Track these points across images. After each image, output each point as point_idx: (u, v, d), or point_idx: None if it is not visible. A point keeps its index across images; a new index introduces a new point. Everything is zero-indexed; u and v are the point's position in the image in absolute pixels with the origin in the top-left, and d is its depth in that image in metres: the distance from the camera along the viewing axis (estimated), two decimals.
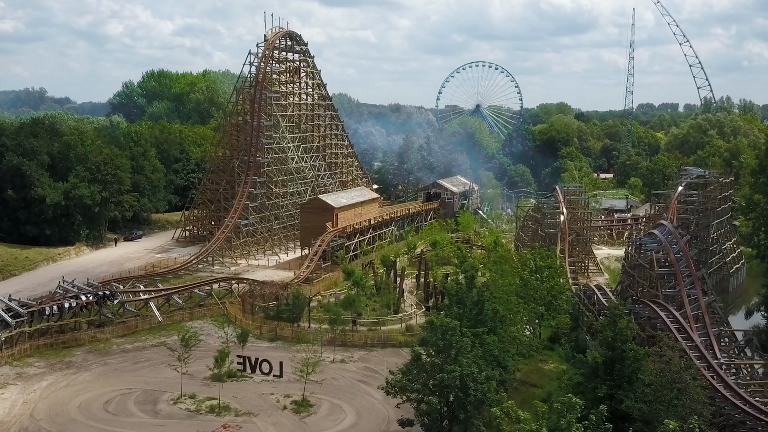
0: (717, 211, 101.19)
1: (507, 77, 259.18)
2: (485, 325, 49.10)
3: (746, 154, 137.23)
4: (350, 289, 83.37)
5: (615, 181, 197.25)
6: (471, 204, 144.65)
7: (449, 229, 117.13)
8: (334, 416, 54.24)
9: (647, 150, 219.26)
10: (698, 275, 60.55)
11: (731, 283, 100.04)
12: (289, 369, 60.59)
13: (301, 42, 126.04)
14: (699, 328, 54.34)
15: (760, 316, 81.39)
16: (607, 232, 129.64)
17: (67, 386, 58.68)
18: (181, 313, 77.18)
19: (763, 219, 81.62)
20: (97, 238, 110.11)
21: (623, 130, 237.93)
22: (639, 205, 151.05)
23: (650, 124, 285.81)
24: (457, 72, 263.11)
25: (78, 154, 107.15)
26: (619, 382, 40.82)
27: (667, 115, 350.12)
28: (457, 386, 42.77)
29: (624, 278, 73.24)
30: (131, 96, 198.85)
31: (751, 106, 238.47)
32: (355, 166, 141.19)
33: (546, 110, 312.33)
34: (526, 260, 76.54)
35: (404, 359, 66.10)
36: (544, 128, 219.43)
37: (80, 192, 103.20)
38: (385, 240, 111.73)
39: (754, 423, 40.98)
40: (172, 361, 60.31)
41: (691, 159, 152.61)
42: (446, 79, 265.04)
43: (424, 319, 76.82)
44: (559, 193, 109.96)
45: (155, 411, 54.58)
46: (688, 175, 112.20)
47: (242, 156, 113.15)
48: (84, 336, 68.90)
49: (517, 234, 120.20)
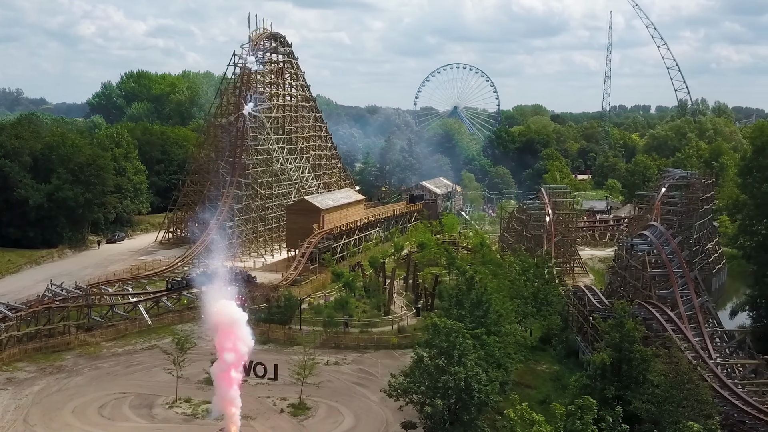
0: (699, 212, 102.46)
1: (484, 79, 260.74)
2: (485, 327, 49.27)
3: (727, 155, 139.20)
4: (340, 291, 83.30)
5: (592, 182, 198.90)
6: (454, 205, 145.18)
7: (434, 231, 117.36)
8: (333, 419, 54.13)
9: (623, 151, 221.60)
10: (691, 276, 61.37)
11: (713, 283, 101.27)
12: (284, 372, 60.43)
13: (285, 43, 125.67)
14: (693, 329, 55.04)
15: (746, 316, 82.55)
16: (589, 233, 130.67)
17: (60, 391, 57.98)
18: (171, 315, 76.57)
19: (749, 220, 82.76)
20: (80, 240, 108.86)
21: (600, 131, 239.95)
22: (619, 207, 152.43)
23: (624, 126, 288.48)
24: (435, 73, 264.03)
25: (61, 155, 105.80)
26: (627, 383, 41.24)
27: (641, 116, 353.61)
28: (461, 388, 42.90)
29: (614, 279, 73.89)
30: (110, 97, 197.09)
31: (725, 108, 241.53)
32: (338, 167, 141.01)
33: (521, 112, 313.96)
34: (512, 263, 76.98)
35: (398, 361, 66.57)
36: (522, 130, 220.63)
37: (63, 194, 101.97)
38: (371, 241, 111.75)
39: (753, 422, 41.55)
40: (164, 364, 60.02)
41: (670, 160, 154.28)
42: (424, 81, 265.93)
43: (414, 321, 77.26)
44: (544, 195, 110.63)
45: (151, 415, 54.09)
46: (671, 177, 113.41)
47: (227, 157, 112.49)
48: (73, 339, 68.13)
49: (501, 235, 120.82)
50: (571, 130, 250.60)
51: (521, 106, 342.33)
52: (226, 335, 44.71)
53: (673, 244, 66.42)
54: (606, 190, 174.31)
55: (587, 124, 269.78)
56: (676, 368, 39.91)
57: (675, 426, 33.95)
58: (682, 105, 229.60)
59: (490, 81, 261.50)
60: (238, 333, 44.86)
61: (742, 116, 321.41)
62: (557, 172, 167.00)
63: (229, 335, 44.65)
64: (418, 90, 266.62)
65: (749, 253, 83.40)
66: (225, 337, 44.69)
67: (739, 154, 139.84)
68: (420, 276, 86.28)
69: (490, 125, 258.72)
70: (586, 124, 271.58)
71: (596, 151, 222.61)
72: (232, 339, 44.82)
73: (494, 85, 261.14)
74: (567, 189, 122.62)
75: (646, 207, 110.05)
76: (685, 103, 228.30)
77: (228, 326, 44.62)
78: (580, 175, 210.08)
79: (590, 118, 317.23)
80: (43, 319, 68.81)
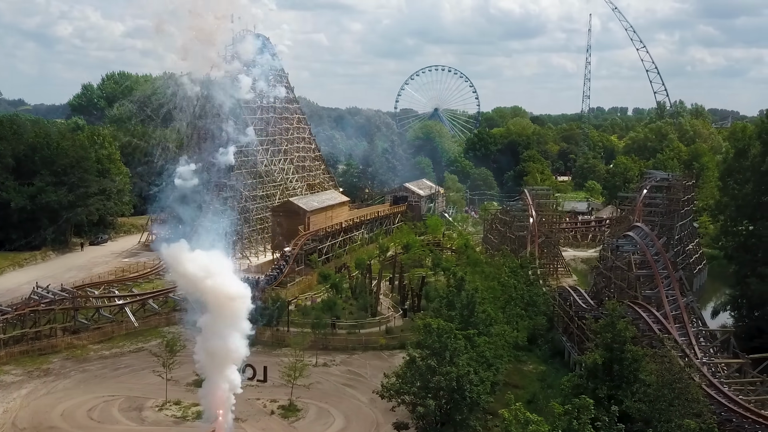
0: (681, 213, 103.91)
1: (464, 81, 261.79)
2: (476, 328, 49.76)
3: (706, 157, 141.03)
4: (327, 292, 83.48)
5: (572, 183, 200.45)
6: (437, 207, 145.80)
7: (418, 232, 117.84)
8: (323, 420, 54.34)
9: (602, 153, 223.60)
10: (676, 276, 62.30)
11: (695, 283, 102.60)
12: (272, 374, 60.54)
13: (269, 45, 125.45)
14: (679, 328, 55.87)
15: (727, 315, 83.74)
16: (571, 234, 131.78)
17: (48, 394, 57.69)
18: (157, 318, 76.37)
19: (731, 222, 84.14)
20: (63, 242, 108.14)
21: (579, 133, 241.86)
22: (600, 208, 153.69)
23: (602, 128, 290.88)
24: (415, 75, 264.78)
25: (44, 156, 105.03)
26: (619, 383, 41.85)
27: (619, 118, 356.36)
28: (453, 388, 43.32)
29: (599, 280, 74.75)
30: (91, 98, 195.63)
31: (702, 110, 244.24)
32: (322, 169, 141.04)
33: (501, 114, 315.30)
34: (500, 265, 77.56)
35: (386, 362, 66.92)
36: (503, 132, 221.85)
37: (47, 196, 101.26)
38: (356, 243, 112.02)
39: (740, 420, 42.33)
40: (152, 366, 59.95)
41: (650, 162, 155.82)
42: (404, 83, 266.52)
43: (401, 322, 77.67)
44: (528, 196, 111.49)
45: (141, 418, 53.98)
46: (652, 178, 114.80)
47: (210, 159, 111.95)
48: (60, 342, 67.74)
49: (485, 236, 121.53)
50: (550, 132, 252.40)
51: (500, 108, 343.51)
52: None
53: (657, 244, 67.37)
54: (586, 191, 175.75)
55: (566, 126, 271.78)
56: (668, 367, 40.58)
57: (667, 425, 34.61)
58: (661, 107, 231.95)
59: (470, 83, 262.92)
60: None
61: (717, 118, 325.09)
62: (538, 174, 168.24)
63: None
64: (399, 92, 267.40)
65: (731, 253, 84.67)
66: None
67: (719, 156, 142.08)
68: (406, 277, 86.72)
69: (470, 127, 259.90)
70: (566, 126, 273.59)
71: (576, 153, 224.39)
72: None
73: (474, 87, 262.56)
74: (550, 190, 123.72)
75: (628, 208, 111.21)
76: (663, 105, 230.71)
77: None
78: (560, 177, 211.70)
79: (569, 119, 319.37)
80: (29, 321, 68.43)
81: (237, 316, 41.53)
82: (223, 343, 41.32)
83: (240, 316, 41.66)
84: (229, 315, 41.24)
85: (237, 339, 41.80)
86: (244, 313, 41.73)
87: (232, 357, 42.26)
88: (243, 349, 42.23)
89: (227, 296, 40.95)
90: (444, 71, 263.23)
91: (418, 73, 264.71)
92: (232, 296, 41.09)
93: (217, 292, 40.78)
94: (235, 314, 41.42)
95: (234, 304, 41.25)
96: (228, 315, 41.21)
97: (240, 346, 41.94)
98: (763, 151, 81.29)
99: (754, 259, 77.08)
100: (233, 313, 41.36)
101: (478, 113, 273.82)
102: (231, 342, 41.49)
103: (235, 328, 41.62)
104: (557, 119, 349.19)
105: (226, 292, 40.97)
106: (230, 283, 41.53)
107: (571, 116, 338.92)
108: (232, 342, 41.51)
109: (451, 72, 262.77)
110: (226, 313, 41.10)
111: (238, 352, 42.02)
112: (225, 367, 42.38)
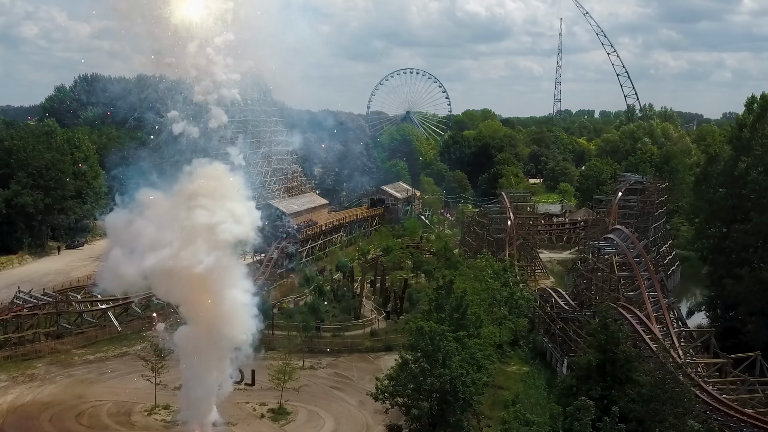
0: (655, 216, 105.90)
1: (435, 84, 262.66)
2: (466, 330, 50.53)
3: (676, 159, 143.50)
4: (309, 295, 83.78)
5: (544, 186, 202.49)
6: (413, 209, 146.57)
7: (396, 235, 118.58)
8: (313, 423, 54.73)
9: (572, 156, 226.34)
10: (658, 278, 63.72)
11: (669, 284, 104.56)
12: (260, 377, 60.79)
13: None
14: (661, 329, 57.20)
15: (702, 316, 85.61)
16: (546, 236, 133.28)
17: (35, 399, 57.20)
18: (140, 322, 76.01)
19: (706, 224, 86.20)
20: (39, 246, 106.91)
21: (550, 136, 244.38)
22: (574, 210, 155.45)
23: (570, 130, 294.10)
24: (388, 78, 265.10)
25: (20, 159, 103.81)
26: (612, 384, 42.85)
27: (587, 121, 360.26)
28: (446, 390, 44.02)
29: (579, 281, 76.06)
30: (63, 100, 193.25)
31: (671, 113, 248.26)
32: (299, 172, 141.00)
33: (471, 116, 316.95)
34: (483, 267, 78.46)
35: (372, 364, 67.56)
36: (476, 134, 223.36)
37: (23, 199, 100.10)
38: (335, 245, 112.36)
39: (725, 419, 43.56)
40: (138, 371, 59.87)
41: (622, 165, 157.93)
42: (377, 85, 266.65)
43: (385, 324, 78.24)
44: (506, 199, 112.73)
45: (130, 423, 53.81)
46: (626, 181, 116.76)
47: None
48: (44, 347, 67.25)
49: (462, 239, 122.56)
50: (521, 135, 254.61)
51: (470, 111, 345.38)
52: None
53: (639, 247, 68.83)
54: (559, 193, 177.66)
55: (536, 129, 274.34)
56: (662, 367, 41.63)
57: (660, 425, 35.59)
58: (631, 110, 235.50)
59: (441, 86, 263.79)
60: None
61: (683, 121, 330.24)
62: (513, 177, 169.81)
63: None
64: (372, 95, 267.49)
65: (706, 255, 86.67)
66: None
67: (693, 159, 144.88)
68: (388, 279, 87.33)
69: (441, 129, 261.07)
70: (535, 129, 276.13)
71: (547, 156, 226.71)
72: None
73: (446, 90, 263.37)
74: (528, 193, 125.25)
75: (603, 211, 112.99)
76: (633, 108, 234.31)
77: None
78: (532, 179, 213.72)
79: (538, 122, 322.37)
80: (12, 326, 67.86)
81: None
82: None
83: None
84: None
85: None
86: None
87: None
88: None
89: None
90: (415, 74, 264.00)
91: (391, 76, 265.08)
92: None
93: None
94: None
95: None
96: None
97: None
98: (734, 156, 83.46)
99: (728, 260, 79.00)
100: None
101: (449, 116, 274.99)
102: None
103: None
104: (526, 122, 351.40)
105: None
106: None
107: (540, 119, 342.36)
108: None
109: (420, 74, 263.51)
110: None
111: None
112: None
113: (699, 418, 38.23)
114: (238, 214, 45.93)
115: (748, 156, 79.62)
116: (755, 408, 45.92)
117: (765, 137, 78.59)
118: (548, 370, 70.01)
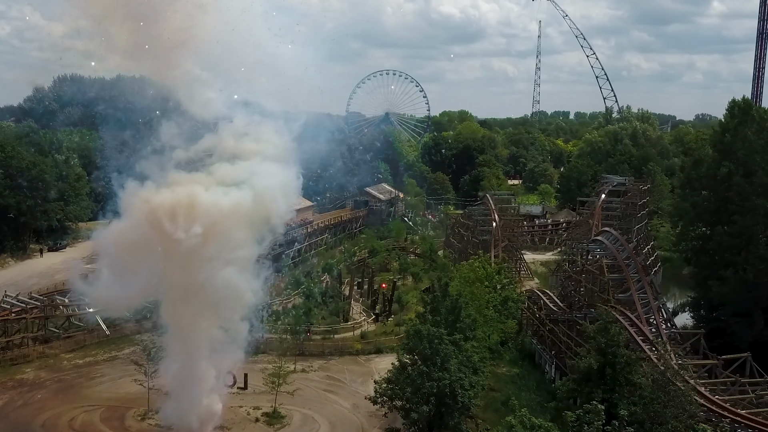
0: (637, 217, 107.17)
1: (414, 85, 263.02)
2: (462, 332, 50.86)
3: (654, 161, 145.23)
4: (298, 298, 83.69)
5: (523, 187, 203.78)
6: (397, 211, 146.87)
7: (381, 236, 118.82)
8: (308, 426, 54.72)
9: (550, 157, 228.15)
10: (647, 279, 64.50)
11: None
12: (252, 381, 60.72)
13: None
14: (651, 331, 57.95)
15: (687, 317, 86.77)
16: (528, 237, 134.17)
17: (25, 405, 56.66)
18: (129, 325, 75.43)
19: (690, 226, 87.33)
20: (21, 248, 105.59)
21: (528, 137, 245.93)
22: (555, 212, 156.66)
23: (548, 132, 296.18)
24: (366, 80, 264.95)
25: (0, 160, 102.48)
26: (612, 386, 43.37)
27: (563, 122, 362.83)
28: (445, 393, 44.34)
29: (567, 283, 76.72)
30: (42, 100, 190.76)
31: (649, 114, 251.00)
32: None
33: (448, 117, 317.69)
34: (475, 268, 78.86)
35: (364, 367, 67.74)
36: (456, 136, 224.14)
37: (4, 201, 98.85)
38: (321, 247, 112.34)
39: (718, 419, 44.24)
40: (129, 375, 59.37)
41: (602, 166, 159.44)
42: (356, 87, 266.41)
43: (374, 327, 78.46)
44: (490, 201, 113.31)
45: (124, 427, 53.52)
46: (609, 183, 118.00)
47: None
48: (32, 352, 66.50)
49: (446, 240, 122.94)
50: (499, 136, 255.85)
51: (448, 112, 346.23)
52: None
53: (628, 248, 69.61)
54: (539, 195, 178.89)
55: (514, 130, 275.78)
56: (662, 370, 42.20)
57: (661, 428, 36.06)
58: (609, 111, 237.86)
59: (420, 87, 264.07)
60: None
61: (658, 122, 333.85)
62: (495, 179, 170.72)
63: None
64: (351, 96, 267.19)
65: (689, 256, 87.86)
66: None
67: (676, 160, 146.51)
68: (376, 281, 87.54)
69: (420, 131, 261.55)
70: (513, 130, 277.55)
71: (526, 157, 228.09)
72: None
73: (423, 91, 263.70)
74: (511, 195, 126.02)
75: (587, 212, 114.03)
76: (611, 110, 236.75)
77: None
78: (511, 181, 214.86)
79: (515, 123, 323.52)
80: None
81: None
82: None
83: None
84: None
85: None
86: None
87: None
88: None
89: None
90: (393, 75, 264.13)
91: (369, 78, 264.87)
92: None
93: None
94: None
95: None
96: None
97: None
98: (717, 160, 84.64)
99: (712, 262, 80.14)
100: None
101: (428, 117, 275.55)
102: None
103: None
104: (503, 123, 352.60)
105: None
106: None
107: (517, 120, 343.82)
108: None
109: (398, 76, 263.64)
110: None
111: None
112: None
113: (699, 419, 38.80)
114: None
115: (731, 159, 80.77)
116: (747, 409, 46.74)
117: (747, 141, 79.74)
118: (537, 371, 70.68)
